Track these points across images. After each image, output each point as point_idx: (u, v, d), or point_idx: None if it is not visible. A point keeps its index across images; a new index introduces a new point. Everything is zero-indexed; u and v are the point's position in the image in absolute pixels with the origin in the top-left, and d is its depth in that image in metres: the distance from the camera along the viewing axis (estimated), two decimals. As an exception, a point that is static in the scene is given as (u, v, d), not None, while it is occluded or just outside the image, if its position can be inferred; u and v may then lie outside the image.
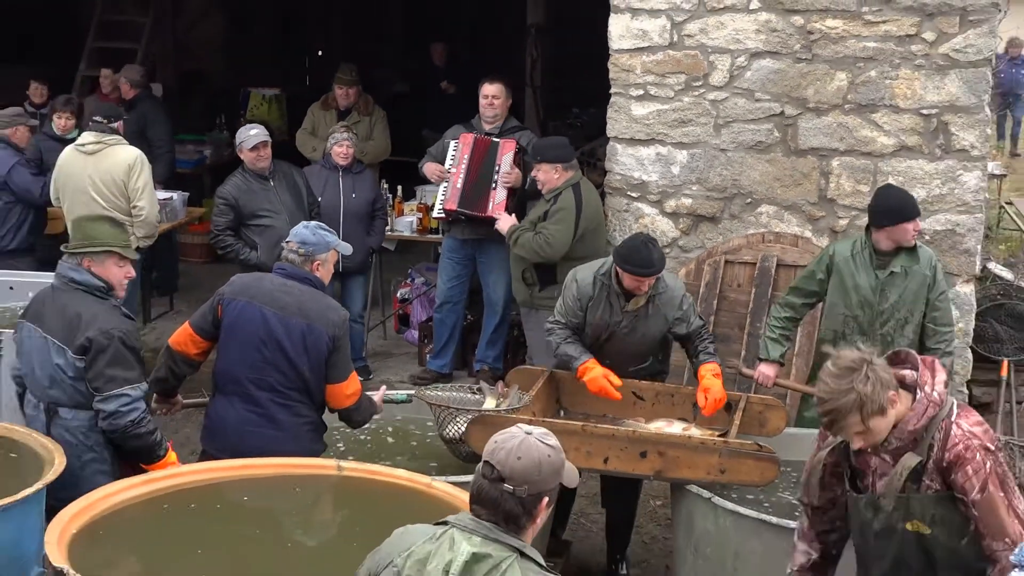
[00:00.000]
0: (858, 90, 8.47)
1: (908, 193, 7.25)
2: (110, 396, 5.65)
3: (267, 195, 9.26)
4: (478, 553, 3.46)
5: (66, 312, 5.85)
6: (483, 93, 9.67)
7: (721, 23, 8.60)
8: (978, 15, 8.27)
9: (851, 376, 4.09)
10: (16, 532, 5.10)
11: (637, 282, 6.77)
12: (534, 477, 3.49)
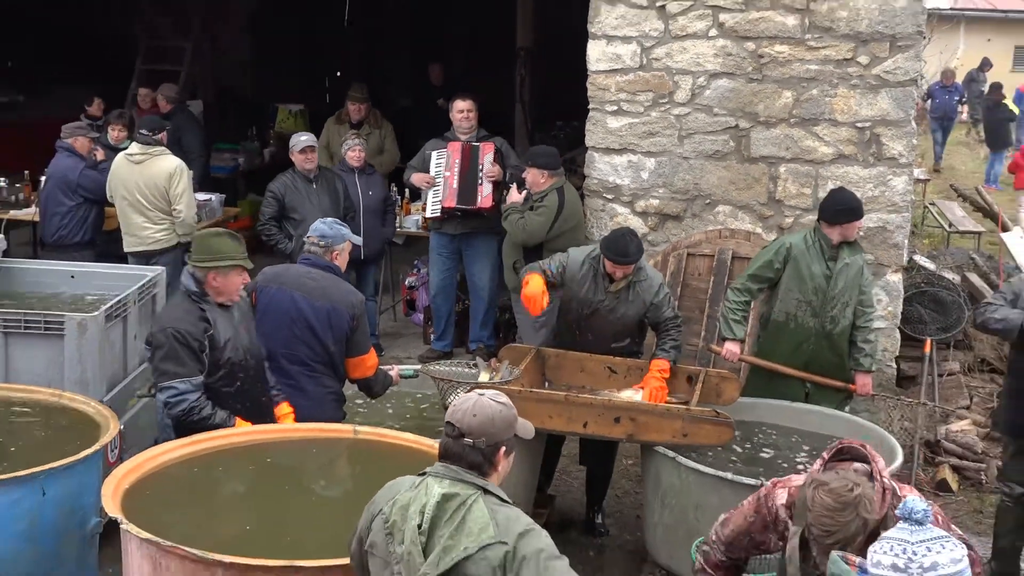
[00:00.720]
0: (802, 106, 8.49)
1: (857, 196, 7.28)
2: (162, 388, 5.58)
3: (308, 194, 9.31)
4: (447, 493, 3.56)
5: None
6: (457, 108, 9.67)
7: (684, 48, 8.61)
8: (905, 41, 8.30)
9: (855, 508, 3.86)
10: (77, 487, 5.11)
11: (615, 268, 6.82)
12: (489, 430, 3.61)
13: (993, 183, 21.24)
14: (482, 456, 3.61)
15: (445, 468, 3.63)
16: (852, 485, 3.87)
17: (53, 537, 5.06)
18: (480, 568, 3.44)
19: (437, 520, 3.54)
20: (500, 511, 3.53)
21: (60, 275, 7.73)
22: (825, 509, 3.85)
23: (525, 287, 6.88)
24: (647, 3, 8.63)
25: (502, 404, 3.69)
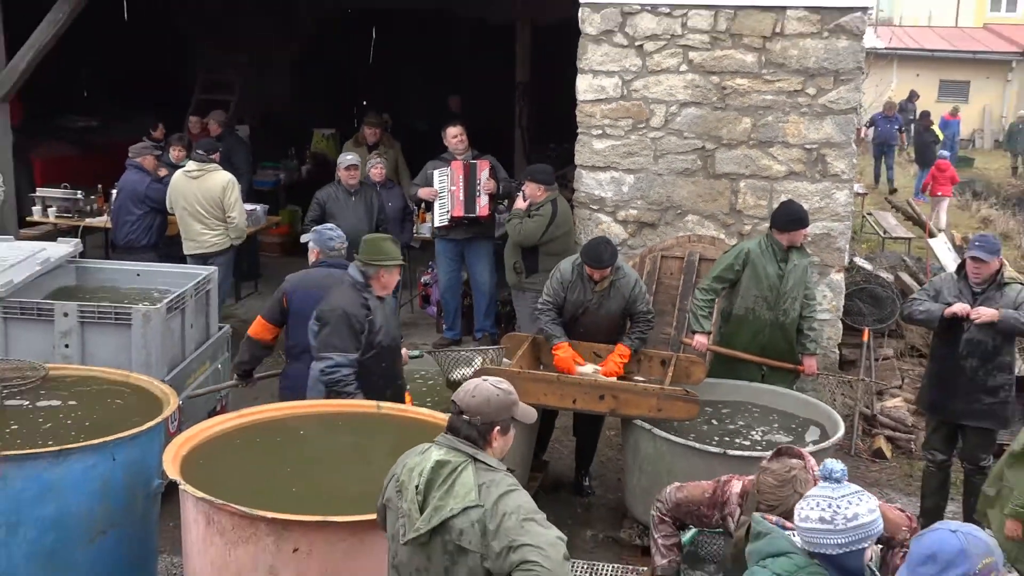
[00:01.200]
0: (759, 131, 8.49)
1: (804, 208, 7.29)
2: (323, 357, 5.73)
3: (347, 204, 9.40)
4: (440, 460, 3.58)
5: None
6: (451, 134, 9.64)
7: (659, 81, 8.60)
8: (847, 76, 8.31)
9: (792, 485, 3.95)
10: (142, 453, 5.11)
11: (594, 272, 6.83)
12: (484, 410, 3.59)
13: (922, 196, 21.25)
14: (477, 432, 3.59)
15: (446, 438, 3.64)
16: (790, 468, 4.02)
17: (122, 496, 5.05)
18: (463, 524, 3.44)
19: (432, 483, 3.55)
20: (484, 477, 3.51)
21: (128, 273, 7.72)
22: (768, 487, 3.98)
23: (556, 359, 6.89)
24: (627, 43, 8.62)
25: (501, 390, 3.66)
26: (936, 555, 2.72)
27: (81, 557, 4.95)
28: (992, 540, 2.82)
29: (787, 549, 3.44)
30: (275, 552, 4.28)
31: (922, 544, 2.77)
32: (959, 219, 19.19)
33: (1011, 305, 6.43)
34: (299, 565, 4.28)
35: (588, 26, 8.67)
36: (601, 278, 6.86)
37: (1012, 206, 22.33)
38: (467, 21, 15.13)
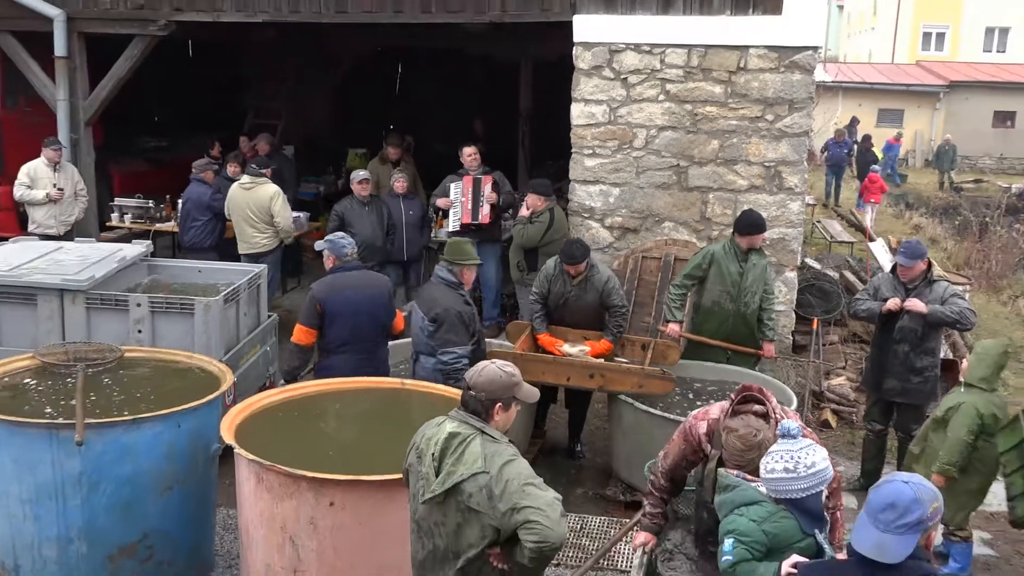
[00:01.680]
0: (725, 151, 8.48)
1: (761, 216, 7.27)
2: (445, 351, 5.75)
3: (361, 213, 9.35)
4: (452, 431, 3.57)
5: (430, 295, 6.01)
6: (466, 153, 9.62)
7: (640, 108, 8.60)
8: (800, 104, 8.31)
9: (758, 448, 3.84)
10: (202, 422, 5.12)
11: (569, 267, 6.86)
12: (488, 388, 3.57)
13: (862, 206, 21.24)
14: (481, 406, 3.57)
15: (458, 413, 3.63)
16: (756, 431, 3.88)
17: (185, 457, 5.06)
18: (472, 488, 3.44)
19: (445, 451, 3.54)
20: (490, 447, 3.49)
21: (192, 270, 7.74)
22: (736, 451, 3.88)
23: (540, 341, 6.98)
24: (614, 76, 8.61)
25: (505, 372, 3.63)
26: (895, 503, 2.72)
27: (152, 509, 4.97)
28: (935, 488, 2.83)
29: (757, 498, 3.50)
30: (314, 505, 4.30)
31: (881, 494, 2.77)
32: (894, 226, 19.18)
33: (938, 299, 6.44)
34: (335, 517, 4.29)
35: (581, 62, 8.66)
36: (576, 273, 6.87)
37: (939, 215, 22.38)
38: (479, 58, 15.11)
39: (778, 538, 3.40)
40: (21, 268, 6.69)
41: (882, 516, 2.72)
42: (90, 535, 4.86)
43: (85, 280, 6.48)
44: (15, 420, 4.82)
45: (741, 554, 3.37)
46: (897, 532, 2.69)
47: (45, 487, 4.79)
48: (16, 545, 4.93)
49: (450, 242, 6.36)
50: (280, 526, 4.38)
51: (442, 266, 6.08)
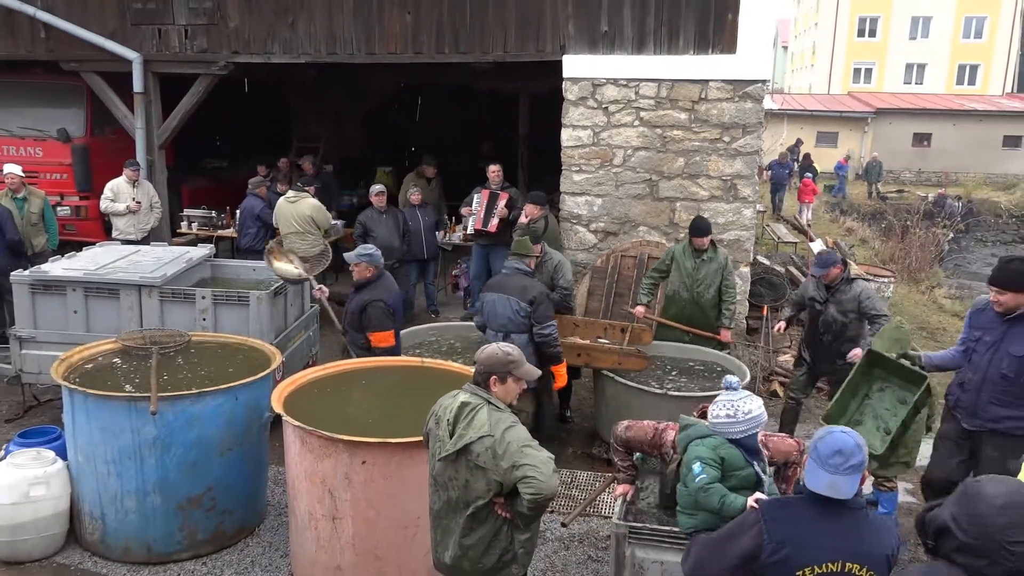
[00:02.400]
0: (690, 167, 8.44)
1: (707, 220, 7.21)
2: (545, 325, 5.85)
3: (380, 221, 9.25)
4: (464, 401, 3.56)
5: (517, 284, 5.97)
6: (491, 170, 9.55)
7: (619, 132, 8.55)
8: (751, 128, 8.27)
9: None
10: (256, 394, 5.11)
11: None
12: (486, 363, 3.58)
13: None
14: (481, 378, 3.57)
15: (470, 386, 3.61)
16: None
17: (242, 424, 5.05)
18: (479, 449, 3.42)
19: (458, 418, 3.52)
20: (495, 415, 3.47)
21: (247, 269, 7.72)
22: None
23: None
24: (596, 106, 8.57)
25: (503, 351, 3.60)
26: (842, 450, 2.74)
27: (214, 467, 4.96)
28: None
29: (709, 432, 3.64)
30: (349, 463, 4.28)
31: (828, 443, 2.78)
32: (831, 229, 19.11)
33: (855, 298, 6.32)
34: (366, 472, 4.27)
35: (569, 94, 8.62)
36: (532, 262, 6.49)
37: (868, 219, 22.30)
38: (485, 92, 15.05)
39: (727, 462, 3.51)
40: (106, 267, 6.67)
41: (831, 461, 2.74)
42: (163, 489, 4.85)
43: (159, 277, 6.45)
44: (101, 394, 4.81)
45: (711, 473, 3.47)
46: (845, 473, 2.72)
47: (126, 450, 4.78)
48: (102, 498, 4.92)
49: (516, 241, 6.36)
50: (321, 480, 4.36)
51: (514, 260, 6.12)
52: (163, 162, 10.38)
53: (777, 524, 2.75)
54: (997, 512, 2.08)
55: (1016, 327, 4.66)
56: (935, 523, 2.20)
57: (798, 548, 2.70)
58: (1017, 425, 4.72)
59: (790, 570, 2.69)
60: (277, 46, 9.36)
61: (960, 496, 2.17)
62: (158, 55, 9.77)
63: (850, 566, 2.68)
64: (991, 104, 32.87)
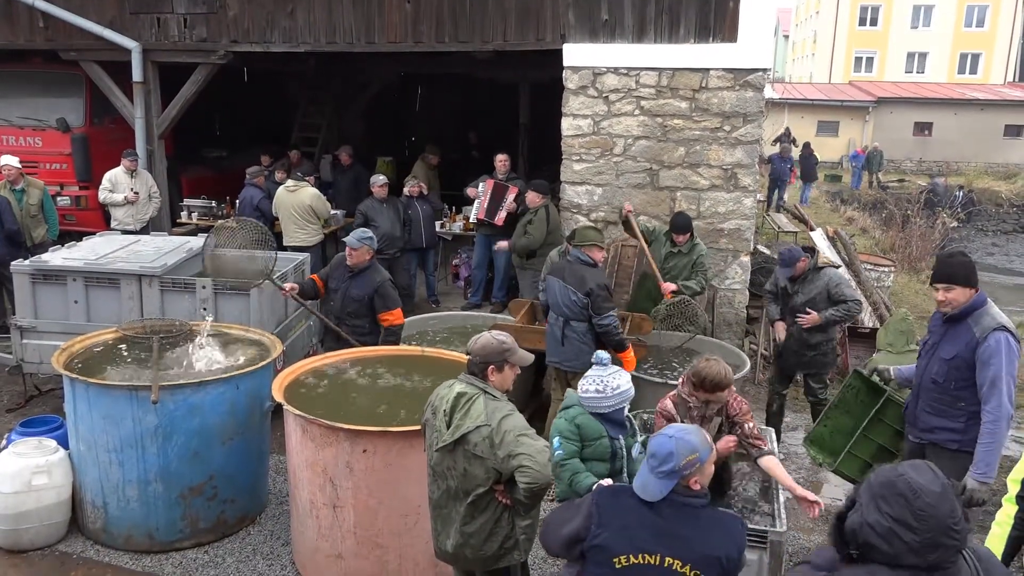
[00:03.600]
0: (690, 156, 8.41)
1: (687, 218, 7.22)
2: (604, 315, 5.78)
3: (381, 211, 9.25)
4: (461, 391, 3.59)
5: (577, 274, 5.89)
6: (498, 159, 9.71)
7: (619, 121, 8.52)
8: (752, 117, 8.22)
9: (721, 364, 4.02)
10: (257, 383, 5.12)
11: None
12: (481, 353, 3.60)
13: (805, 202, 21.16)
14: (478, 368, 3.58)
15: (465, 376, 3.63)
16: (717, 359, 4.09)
17: (244, 413, 5.06)
18: (477, 439, 3.45)
19: (455, 408, 3.55)
20: (491, 405, 3.49)
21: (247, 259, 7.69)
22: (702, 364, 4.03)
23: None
24: (597, 95, 8.53)
25: (497, 340, 3.62)
26: (656, 453, 2.75)
27: (216, 455, 4.98)
28: (701, 440, 2.78)
29: (575, 403, 3.72)
30: (350, 452, 4.29)
31: (651, 444, 2.81)
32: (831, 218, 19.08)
33: (823, 286, 6.34)
34: (367, 461, 4.29)
35: (569, 83, 8.58)
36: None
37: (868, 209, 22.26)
38: (485, 81, 15.01)
39: (583, 429, 3.54)
40: (107, 257, 6.67)
41: (649, 461, 2.77)
42: (165, 477, 4.86)
43: (159, 267, 6.46)
44: (102, 383, 4.82)
45: (568, 448, 3.47)
46: (657, 476, 2.72)
47: (127, 438, 4.79)
48: (104, 487, 4.94)
49: (577, 230, 6.35)
50: (322, 469, 4.38)
51: (576, 250, 6.06)
52: (163, 152, 10.37)
53: (605, 511, 2.77)
54: (939, 500, 2.07)
55: (952, 329, 4.26)
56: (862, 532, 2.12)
57: (616, 536, 2.72)
58: (950, 438, 4.26)
59: (607, 556, 2.72)
60: (277, 35, 9.33)
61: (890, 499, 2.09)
62: (157, 44, 9.75)
63: (671, 561, 2.67)
64: (992, 93, 32.77)
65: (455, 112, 16.71)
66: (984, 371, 4.04)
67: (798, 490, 3.86)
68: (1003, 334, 4.05)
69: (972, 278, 4.19)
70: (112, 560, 4.93)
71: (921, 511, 2.06)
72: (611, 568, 2.71)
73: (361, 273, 5.94)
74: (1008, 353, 4.02)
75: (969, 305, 4.16)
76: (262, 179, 10.10)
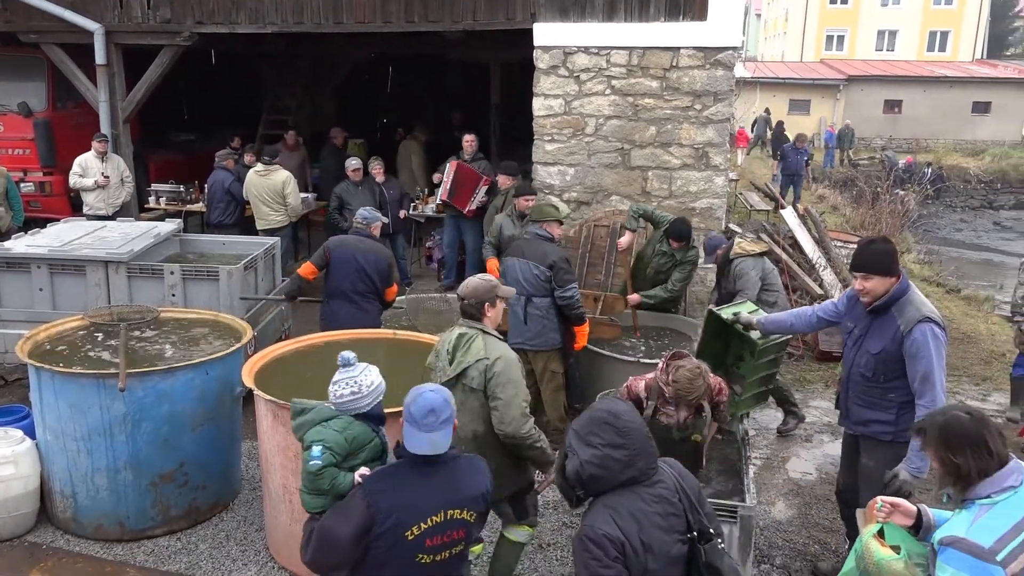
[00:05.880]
0: (661, 135, 8.41)
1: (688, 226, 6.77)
2: (567, 287, 5.82)
3: (356, 194, 9.20)
4: (461, 332, 3.96)
5: (538, 249, 5.93)
6: (466, 139, 9.70)
7: (590, 101, 8.49)
8: (722, 96, 8.23)
9: (703, 376, 3.99)
10: (227, 369, 5.06)
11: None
12: (474, 294, 3.93)
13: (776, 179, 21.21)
14: (475, 309, 3.92)
15: (464, 320, 3.98)
16: (697, 365, 4.05)
17: (214, 399, 5.02)
18: (474, 373, 3.83)
19: (457, 347, 3.91)
20: (490, 341, 3.87)
21: (217, 243, 7.64)
22: (686, 380, 3.99)
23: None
24: (568, 74, 8.50)
25: (483, 280, 3.97)
26: (434, 408, 2.88)
27: (187, 442, 4.93)
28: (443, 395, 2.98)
29: (334, 413, 3.40)
30: (322, 436, 4.26)
31: (419, 405, 2.90)
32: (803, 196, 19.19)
33: (735, 275, 6.40)
34: (339, 445, 4.26)
35: (540, 63, 8.54)
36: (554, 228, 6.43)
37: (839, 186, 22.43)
38: (456, 62, 14.90)
39: (357, 439, 3.35)
40: (72, 244, 6.57)
41: (427, 421, 2.86)
42: (135, 465, 4.81)
43: (126, 253, 6.36)
44: (69, 371, 4.75)
45: (328, 459, 3.25)
46: (440, 429, 2.88)
47: (95, 427, 4.73)
48: (73, 476, 4.88)
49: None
50: (294, 454, 4.35)
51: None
52: (128, 136, 10.19)
53: (381, 495, 2.85)
54: (633, 415, 2.64)
55: (877, 320, 4.08)
56: (583, 471, 2.56)
57: (404, 512, 2.82)
58: (883, 430, 4.14)
59: (400, 534, 2.82)
60: (243, 16, 9.18)
61: (598, 430, 2.56)
62: (120, 26, 9.55)
63: (452, 513, 2.88)
64: (961, 71, 33.10)
65: (427, 93, 16.57)
66: (914, 366, 3.92)
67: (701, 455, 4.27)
68: (928, 325, 3.91)
69: (892, 267, 4.02)
70: (83, 549, 4.88)
71: (624, 428, 2.56)
72: (404, 542, 2.82)
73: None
74: (936, 345, 3.90)
75: (891, 295, 4.02)
76: (232, 162, 9.97)
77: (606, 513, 2.51)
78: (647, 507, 2.53)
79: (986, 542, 2.39)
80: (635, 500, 2.53)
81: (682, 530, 2.57)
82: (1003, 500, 2.45)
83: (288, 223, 9.52)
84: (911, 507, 2.79)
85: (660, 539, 2.52)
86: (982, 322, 10.71)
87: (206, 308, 6.04)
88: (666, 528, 2.54)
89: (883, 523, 2.80)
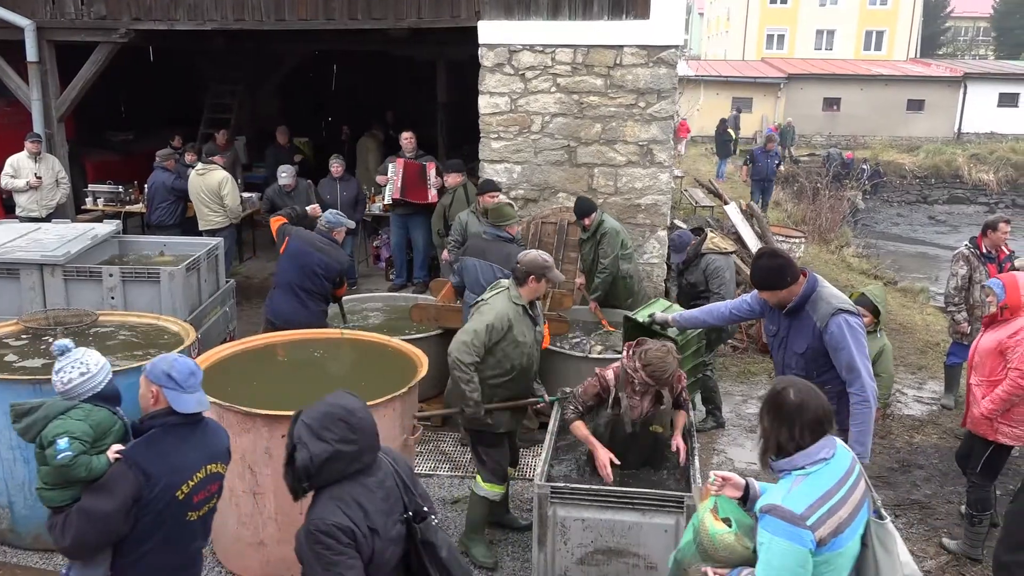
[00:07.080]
0: (606, 133, 8.50)
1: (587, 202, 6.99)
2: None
3: (287, 198, 8.98)
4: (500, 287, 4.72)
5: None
6: (404, 137, 9.66)
7: (536, 99, 8.54)
8: (666, 94, 8.34)
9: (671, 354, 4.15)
10: (170, 372, 4.97)
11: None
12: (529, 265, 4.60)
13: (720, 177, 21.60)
14: (521, 275, 4.59)
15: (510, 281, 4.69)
16: (662, 344, 4.22)
17: (157, 403, 4.91)
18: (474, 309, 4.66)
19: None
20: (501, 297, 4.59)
21: (157, 245, 7.48)
22: (656, 359, 4.13)
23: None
24: (513, 72, 8.53)
25: (543, 258, 4.59)
26: (194, 371, 3.12)
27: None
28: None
29: (69, 405, 3.24)
30: (269, 438, 4.24)
31: (179, 370, 3.08)
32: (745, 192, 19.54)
33: (708, 273, 6.51)
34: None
35: (486, 61, 8.56)
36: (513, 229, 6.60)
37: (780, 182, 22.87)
38: (402, 59, 14.82)
39: (101, 425, 3.20)
40: (4, 247, 6.37)
41: (190, 382, 3.06)
42: (75, 473, 4.69)
43: (61, 256, 6.20)
44: (3, 377, 4.61)
45: (78, 447, 3.09)
46: (200, 389, 3.12)
47: (32, 434, 4.60)
48: (9, 486, 4.74)
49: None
50: (240, 456, 4.30)
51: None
52: (63, 135, 9.92)
53: (148, 463, 2.97)
54: (365, 411, 2.72)
55: (795, 321, 4.23)
56: (313, 464, 2.64)
57: (171, 474, 2.98)
58: None
59: (170, 495, 2.98)
60: (181, 12, 9.00)
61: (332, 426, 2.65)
62: (53, 22, 9.29)
63: (211, 467, 3.12)
64: (896, 69, 34.07)
65: (373, 91, 16.45)
66: (837, 357, 4.06)
67: (677, 438, 4.39)
68: (841, 317, 4.05)
69: (788, 275, 4.16)
70: (21, 560, 4.75)
71: (357, 424, 2.64)
72: (176, 503, 2.99)
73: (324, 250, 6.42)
74: (852, 334, 4.03)
75: (801, 296, 4.16)
76: (172, 162, 9.78)
77: (332, 504, 2.62)
78: (370, 493, 2.67)
79: (798, 508, 2.61)
80: (359, 489, 2.66)
81: (400, 511, 2.75)
82: (815, 471, 2.67)
83: (229, 224, 9.37)
84: (740, 480, 2.99)
85: (383, 523, 2.67)
86: (918, 313, 11.05)
87: (147, 311, 5.91)
88: (387, 511, 2.70)
89: (716, 496, 3.00)
